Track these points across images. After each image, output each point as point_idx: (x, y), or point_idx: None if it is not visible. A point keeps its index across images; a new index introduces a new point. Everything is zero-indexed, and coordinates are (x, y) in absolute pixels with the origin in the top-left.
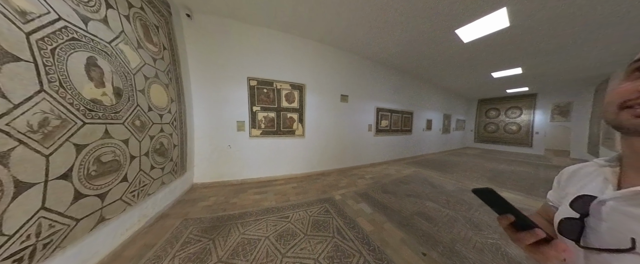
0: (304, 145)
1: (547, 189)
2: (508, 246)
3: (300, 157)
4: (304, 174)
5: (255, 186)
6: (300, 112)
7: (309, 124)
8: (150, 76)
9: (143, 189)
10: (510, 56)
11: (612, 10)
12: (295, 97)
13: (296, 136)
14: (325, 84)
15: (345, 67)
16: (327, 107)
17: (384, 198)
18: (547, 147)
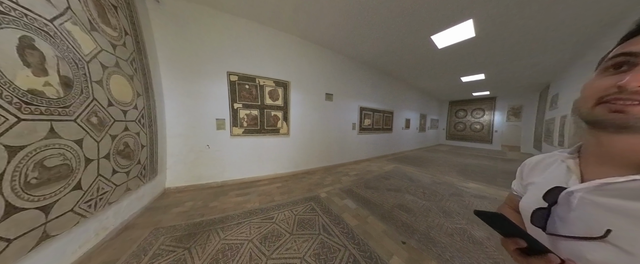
0: (289, 144)
1: (505, 179)
2: (473, 230)
3: (285, 156)
4: (289, 174)
5: (238, 188)
6: (284, 110)
7: (294, 123)
8: (110, 64)
9: (102, 197)
10: (475, 63)
11: (550, 23)
12: (280, 94)
13: (281, 134)
14: (310, 82)
15: (330, 66)
16: (312, 106)
17: (367, 193)
18: (503, 143)
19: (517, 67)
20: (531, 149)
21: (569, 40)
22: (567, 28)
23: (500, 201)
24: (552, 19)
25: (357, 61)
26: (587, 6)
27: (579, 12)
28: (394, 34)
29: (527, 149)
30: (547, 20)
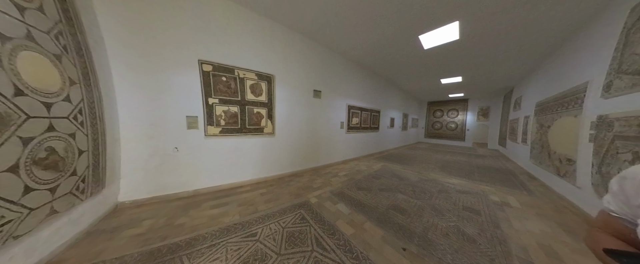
0: (275, 144)
1: (480, 174)
2: (464, 227)
3: (270, 158)
4: (275, 177)
5: (214, 197)
6: (269, 107)
7: (280, 121)
8: (16, 34)
9: (3, 229)
10: (455, 66)
11: (523, 33)
12: (263, 89)
13: (265, 134)
14: (297, 77)
15: (318, 60)
16: (299, 103)
17: (359, 195)
18: (474, 141)
19: (490, 72)
20: (497, 145)
21: (535, 50)
22: (535, 38)
23: (482, 196)
24: (527, 28)
25: (345, 58)
26: (550, 20)
27: (544, 24)
28: (383, 31)
29: (493, 146)
30: (520, 29)
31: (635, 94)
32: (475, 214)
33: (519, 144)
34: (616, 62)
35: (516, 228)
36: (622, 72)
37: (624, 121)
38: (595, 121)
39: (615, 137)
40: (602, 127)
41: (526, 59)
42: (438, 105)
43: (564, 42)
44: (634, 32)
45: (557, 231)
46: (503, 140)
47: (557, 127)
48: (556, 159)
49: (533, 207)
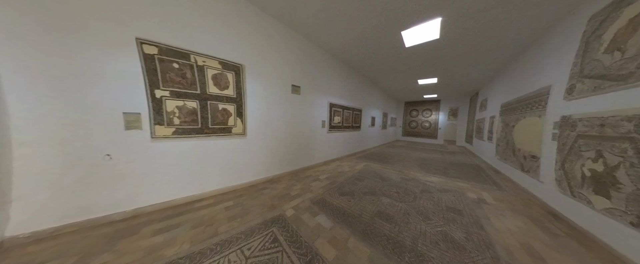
0: (246, 146)
1: (455, 171)
2: (451, 231)
3: (240, 163)
4: (246, 185)
5: (161, 218)
6: (238, 103)
7: (253, 119)
8: None
9: None
10: (433, 66)
11: (494, 35)
12: (230, 81)
13: (234, 134)
14: (272, 68)
15: (297, 52)
16: (276, 99)
17: (342, 201)
18: (445, 138)
19: (462, 75)
20: (464, 142)
21: (502, 54)
22: (504, 41)
23: (460, 193)
24: (500, 31)
25: (326, 51)
26: (521, 23)
27: (515, 27)
28: (368, 22)
29: (460, 143)
30: (495, 31)
31: (597, 97)
32: (459, 214)
33: (485, 141)
34: (578, 67)
35: (497, 227)
36: (584, 76)
37: (586, 122)
38: (558, 121)
39: (578, 136)
40: (566, 127)
41: (493, 63)
42: (414, 105)
43: (528, 48)
44: (593, 39)
45: (530, 226)
46: (470, 138)
47: (522, 126)
48: (520, 155)
49: (505, 202)
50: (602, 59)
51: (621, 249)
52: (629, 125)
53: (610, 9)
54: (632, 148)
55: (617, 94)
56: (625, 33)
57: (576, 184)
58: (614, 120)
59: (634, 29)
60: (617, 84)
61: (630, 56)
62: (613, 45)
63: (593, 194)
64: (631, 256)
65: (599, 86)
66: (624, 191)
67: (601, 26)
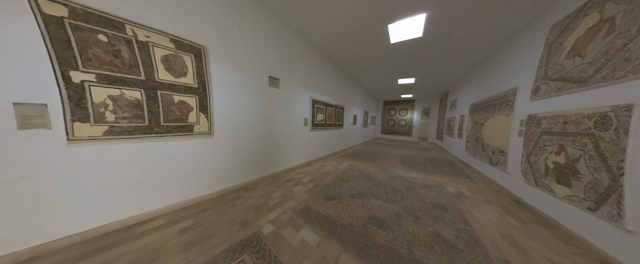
0: (213, 148)
1: (432, 166)
2: (441, 230)
3: (205, 169)
4: (213, 196)
5: (79, 255)
6: (201, 95)
7: (221, 115)
8: None
9: None
10: (413, 66)
11: (470, 38)
12: (188, 66)
13: (196, 134)
14: (244, 55)
15: (275, 40)
16: (250, 92)
17: (329, 208)
18: (418, 136)
19: (436, 76)
20: (435, 139)
21: (474, 57)
22: (478, 44)
23: (440, 188)
24: (476, 33)
25: (308, 43)
26: (490, 32)
27: (486, 35)
28: (352, 12)
29: (432, 139)
30: (471, 34)
31: (560, 97)
32: (444, 210)
33: (455, 138)
34: (542, 71)
35: (479, 220)
36: (548, 79)
37: (551, 119)
38: (524, 119)
39: (543, 132)
40: (532, 124)
41: (464, 67)
42: (392, 104)
43: (495, 52)
44: (555, 46)
45: (505, 215)
46: (440, 135)
47: (490, 124)
48: (489, 150)
49: (479, 193)
50: (564, 64)
51: (579, 231)
52: (589, 122)
53: (569, 19)
54: (591, 142)
55: (578, 94)
56: (584, 41)
57: (540, 175)
58: (576, 118)
59: (592, 37)
60: (578, 86)
61: (589, 61)
62: (573, 51)
63: (555, 184)
64: (588, 237)
65: (561, 87)
66: (583, 180)
67: (562, 34)
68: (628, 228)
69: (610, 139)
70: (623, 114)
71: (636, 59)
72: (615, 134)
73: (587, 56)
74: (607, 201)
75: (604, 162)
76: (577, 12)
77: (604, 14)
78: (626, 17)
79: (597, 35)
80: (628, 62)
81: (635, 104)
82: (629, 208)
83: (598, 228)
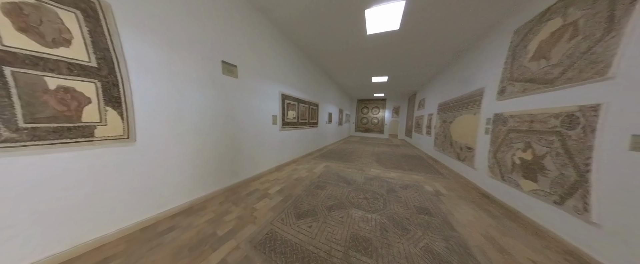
0: (134, 159)
1: (407, 163)
2: (433, 243)
3: (119, 193)
4: (128, 231)
5: None
6: (106, 79)
7: (148, 111)
8: None
9: None
10: (386, 63)
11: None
12: (71, 30)
13: (100, 139)
14: (178, 24)
15: (224, 11)
16: (194, 79)
17: (301, 230)
18: (389, 133)
19: (408, 75)
20: (404, 136)
21: (440, 61)
22: (446, 46)
23: (419, 188)
24: (449, 31)
25: (273, 25)
26: (460, 29)
27: (458, 34)
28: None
29: (401, 136)
30: (445, 32)
31: (526, 97)
32: (429, 215)
33: (423, 135)
34: (508, 72)
35: (461, 222)
36: (514, 80)
37: (518, 118)
38: (491, 118)
39: (509, 130)
40: (498, 122)
41: (432, 67)
42: (365, 103)
43: (462, 54)
44: (520, 49)
45: (480, 212)
46: (409, 132)
47: (458, 122)
48: (457, 147)
49: (453, 190)
50: (530, 66)
51: (545, 223)
52: (556, 121)
53: (531, 23)
54: (558, 140)
55: (545, 95)
56: (549, 44)
57: (506, 170)
58: (543, 117)
59: (556, 40)
60: (545, 86)
61: (554, 63)
62: (538, 54)
63: (522, 179)
64: (553, 229)
65: (528, 88)
66: (549, 175)
67: (526, 38)
68: (593, 221)
69: (578, 137)
70: (590, 114)
71: (601, 62)
72: (582, 132)
73: (552, 58)
74: (573, 195)
75: (571, 159)
76: (539, 16)
77: (567, 18)
78: (589, 21)
79: (561, 38)
80: (594, 64)
81: (602, 104)
82: (595, 202)
83: (563, 220)
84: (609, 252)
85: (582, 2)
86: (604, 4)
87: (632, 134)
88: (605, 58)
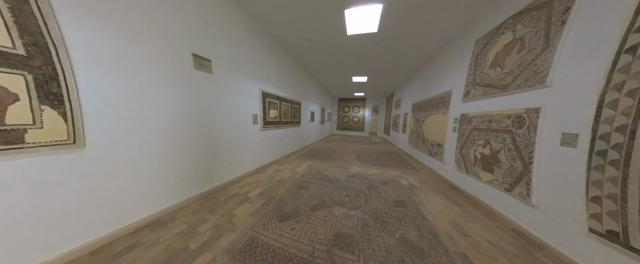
0: (83, 168)
1: (386, 160)
2: (407, 233)
3: (64, 210)
4: (77, 255)
5: None
6: (40, 72)
7: (102, 111)
8: None
9: None
10: (366, 62)
11: (417, 42)
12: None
13: (34, 146)
14: (139, 11)
15: (195, 2)
16: (159, 73)
17: (284, 234)
18: (369, 131)
19: (385, 76)
20: (383, 134)
21: (414, 64)
22: (420, 51)
23: (396, 182)
24: (422, 38)
25: (252, 18)
26: (431, 35)
27: (428, 39)
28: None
29: (380, 134)
30: (420, 36)
31: (486, 100)
32: (403, 207)
33: (400, 133)
34: (471, 77)
35: (432, 211)
36: (476, 84)
37: (479, 118)
38: (458, 118)
39: (473, 129)
40: (464, 122)
41: (407, 70)
42: (346, 101)
43: (433, 58)
44: (480, 57)
45: (447, 202)
46: (387, 130)
47: (429, 121)
48: (429, 144)
49: (425, 183)
50: (488, 73)
51: (497, 208)
52: (508, 121)
53: (489, 35)
54: (510, 137)
55: (500, 98)
56: (503, 54)
57: (470, 163)
58: (498, 117)
59: (508, 52)
60: (500, 91)
61: (507, 71)
62: (495, 62)
63: (482, 171)
64: (504, 212)
65: (487, 92)
66: (502, 167)
67: (485, 48)
68: (533, 204)
69: (524, 135)
70: (533, 115)
71: (541, 72)
72: (527, 131)
73: (505, 67)
74: (519, 183)
75: (519, 153)
76: (495, 30)
77: (516, 34)
78: (533, 38)
79: (512, 50)
80: (536, 74)
81: (541, 107)
82: (534, 188)
83: (511, 204)
84: (543, 228)
85: (527, 20)
86: (542, 24)
87: (562, 132)
88: (544, 69)
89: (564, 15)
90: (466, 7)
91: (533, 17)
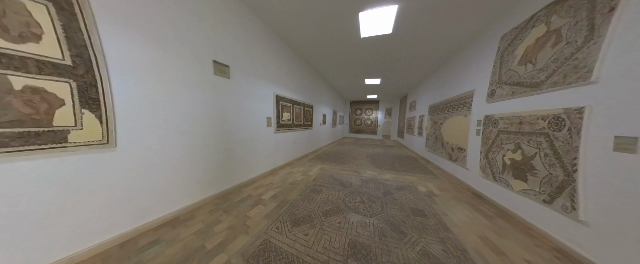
0: (113, 167)
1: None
2: (430, 246)
3: (94, 206)
4: (103, 248)
5: None
6: (83, 79)
7: (130, 114)
8: None
9: None
10: (380, 66)
11: (433, 41)
12: (41, 23)
13: (75, 146)
14: (167, 22)
15: (217, 13)
16: (183, 80)
17: (298, 239)
18: (382, 134)
19: (399, 78)
20: (396, 137)
21: (431, 64)
22: (436, 50)
23: (413, 189)
24: (438, 37)
25: (268, 27)
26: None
27: (446, 38)
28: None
29: (394, 137)
30: (435, 36)
31: (515, 100)
32: (424, 217)
33: (415, 136)
34: (496, 76)
35: (456, 223)
36: (502, 83)
37: (507, 120)
38: (482, 120)
39: (500, 131)
40: (489, 124)
41: (423, 69)
42: (358, 104)
43: (452, 57)
44: (507, 53)
45: (474, 213)
46: (401, 133)
47: (449, 123)
48: (449, 148)
49: (446, 190)
50: (517, 70)
51: (535, 222)
52: (543, 123)
53: (517, 30)
54: (546, 141)
55: (532, 98)
56: (534, 49)
57: (497, 170)
58: (531, 119)
59: (541, 46)
60: (532, 90)
61: (540, 68)
62: (525, 58)
63: (512, 179)
64: (543, 227)
65: (516, 91)
66: (538, 175)
67: (512, 43)
68: (580, 219)
69: (564, 138)
70: (575, 116)
71: (584, 67)
72: (568, 134)
73: (538, 63)
74: (561, 194)
75: (559, 159)
76: (524, 23)
77: (551, 26)
78: (571, 29)
79: (546, 44)
80: (578, 69)
81: (586, 107)
82: (582, 201)
83: (553, 219)
84: (596, 249)
85: (564, 10)
86: (583, 13)
87: (615, 136)
88: (587, 63)
89: (612, 1)
90: (490, 1)
91: (572, 6)
